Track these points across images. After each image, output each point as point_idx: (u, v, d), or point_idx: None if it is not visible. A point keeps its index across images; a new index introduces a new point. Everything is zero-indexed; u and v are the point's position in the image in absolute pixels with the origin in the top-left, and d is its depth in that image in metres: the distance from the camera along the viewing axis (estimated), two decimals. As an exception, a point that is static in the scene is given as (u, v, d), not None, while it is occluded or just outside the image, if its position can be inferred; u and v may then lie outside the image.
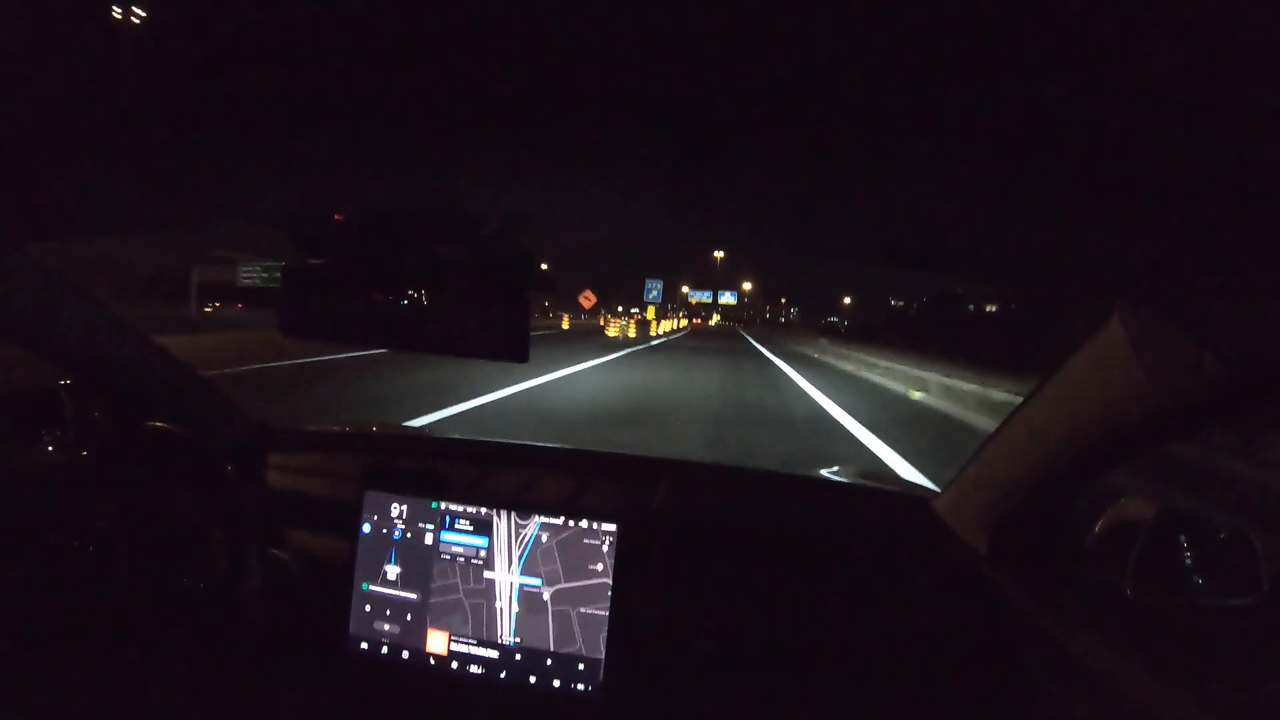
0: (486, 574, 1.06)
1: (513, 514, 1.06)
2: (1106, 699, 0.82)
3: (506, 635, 1.04)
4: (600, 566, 1.02)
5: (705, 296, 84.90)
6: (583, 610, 1.02)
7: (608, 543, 1.03)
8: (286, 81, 0.40)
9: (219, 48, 0.37)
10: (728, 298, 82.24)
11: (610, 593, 1.01)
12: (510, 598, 1.04)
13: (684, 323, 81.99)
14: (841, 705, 1.05)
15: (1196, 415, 0.75)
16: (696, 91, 0.37)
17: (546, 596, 1.03)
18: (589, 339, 23.30)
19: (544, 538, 1.04)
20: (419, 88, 0.40)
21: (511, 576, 1.05)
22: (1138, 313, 0.70)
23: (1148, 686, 0.78)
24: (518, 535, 1.06)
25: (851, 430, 6.48)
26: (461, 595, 1.06)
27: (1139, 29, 0.28)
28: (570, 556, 1.03)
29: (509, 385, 7.84)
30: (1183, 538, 0.88)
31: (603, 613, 1.01)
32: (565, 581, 1.03)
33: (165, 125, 0.48)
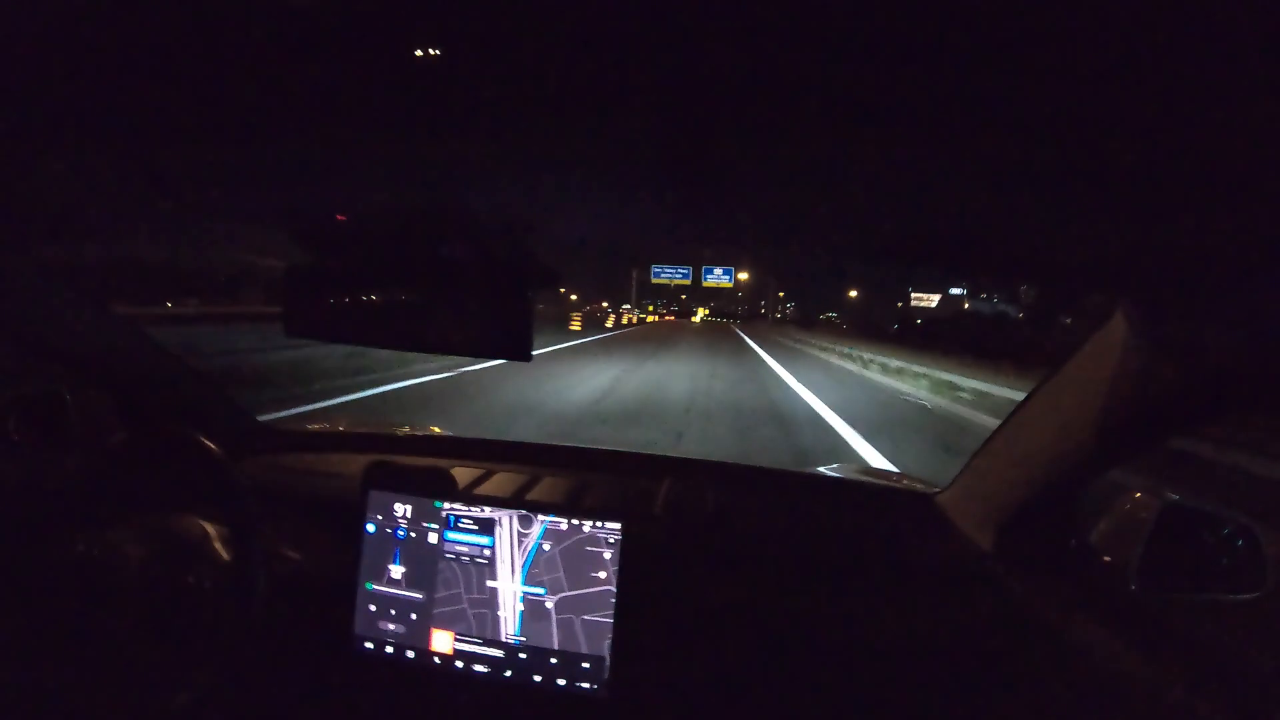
0: (489, 583, 1.05)
1: (516, 514, 1.06)
2: (1112, 694, 0.82)
3: (511, 635, 1.04)
4: (604, 574, 1.02)
5: (679, 275, 48.87)
6: (586, 618, 1.01)
7: (612, 540, 1.03)
8: (291, 83, 0.40)
9: (225, 50, 0.37)
10: (718, 276, 47.68)
11: (614, 600, 1.01)
12: (513, 606, 1.04)
13: (634, 316, 49.56)
14: (847, 701, 1.05)
15: (1200, 411, 0.75)
16: (697, 82, 0.37)
17: (550, 605, 1.03)
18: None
19: (547, 546, 1.04)
20: (423, 89, 0.40)
21: (515, 585, 1.04)
22: (1141, 309, 0.70)
23: (1153, 681, 0.78)
24: (521, 541, 1.05)
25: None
26: (465, 605, 1.06)
27: (1145, 29, 0.28)
28: (573, 565, 1.03)
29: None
30: (1187, 533, 0.87)
31: (607, 620, 1.01)
32: (569, 590, 1.03)
33: (169, 127, 0.48)
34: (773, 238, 0.75)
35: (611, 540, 1.03)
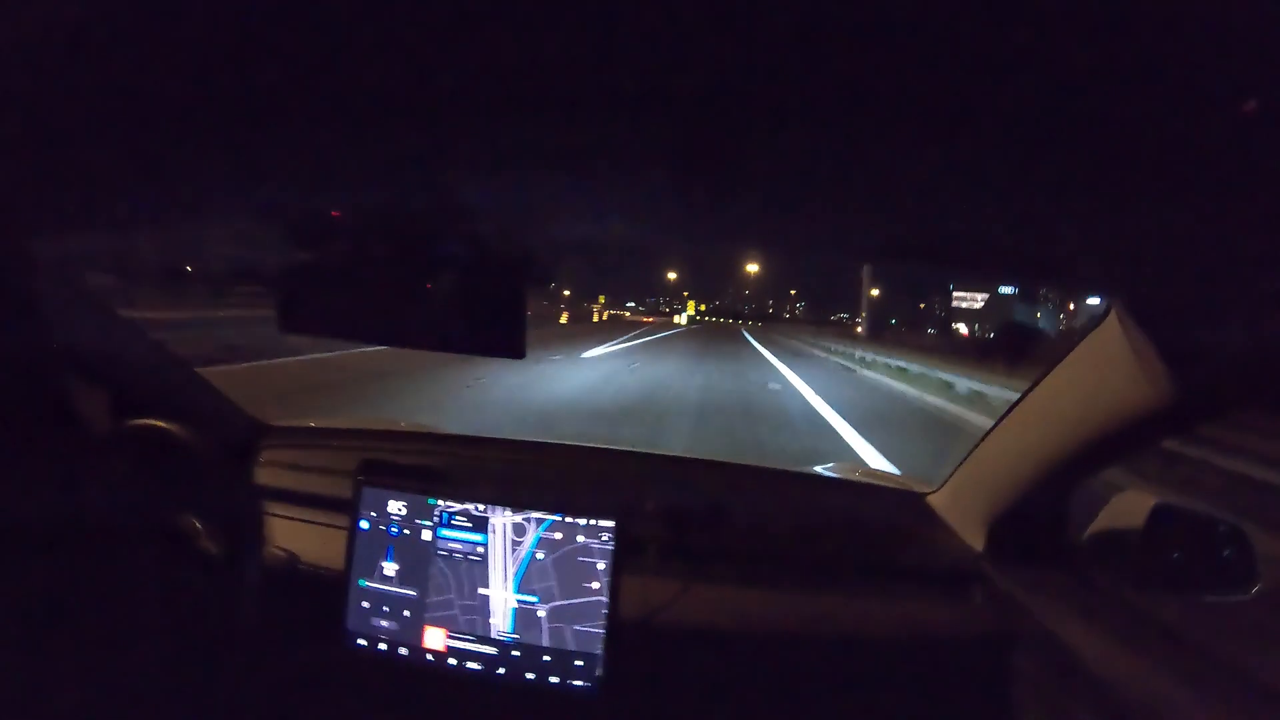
0: (481, 590, 1.05)
1: (510, 515, 1.06)
2: (1104, 695, 0.82)
3: (504, 632, 1.04)
4: (596, 584, 1.02)
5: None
6: (577, 628, 1.02)
7: (606, 544, 1.03)
8: (286, 77, 0.40)
9: (219, 44, 0.36)
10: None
11: (606, 611, 1.01)
12: (505, 614, 1.04)
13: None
14: (840, 701, 1.05)
15: (1192, 412, 0.75)
16: (698, 84, 0.37)
17: (542, 614, 1.03)
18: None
19: (540, 555, 1.04)
20: (416, 83, 0.40)
21: (507, 594, 1.04)
22: (1135, 310, 0.70)
23: (1145, 682, 0.79)
24: (514, 549, 1.05)
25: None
26: (458, 611, 1.06)
27: (1145, 29, 0.28)
28: (566, 574, 1.03)
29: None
30: (1179, 533, 0.88)
31: (599, 631, 1.01)
32: (560, 599, 1.03)
33: (164, 122, 0.48)
34: (782, 234, 0.74)
35: (605, 547, 1.03)
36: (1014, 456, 1.02)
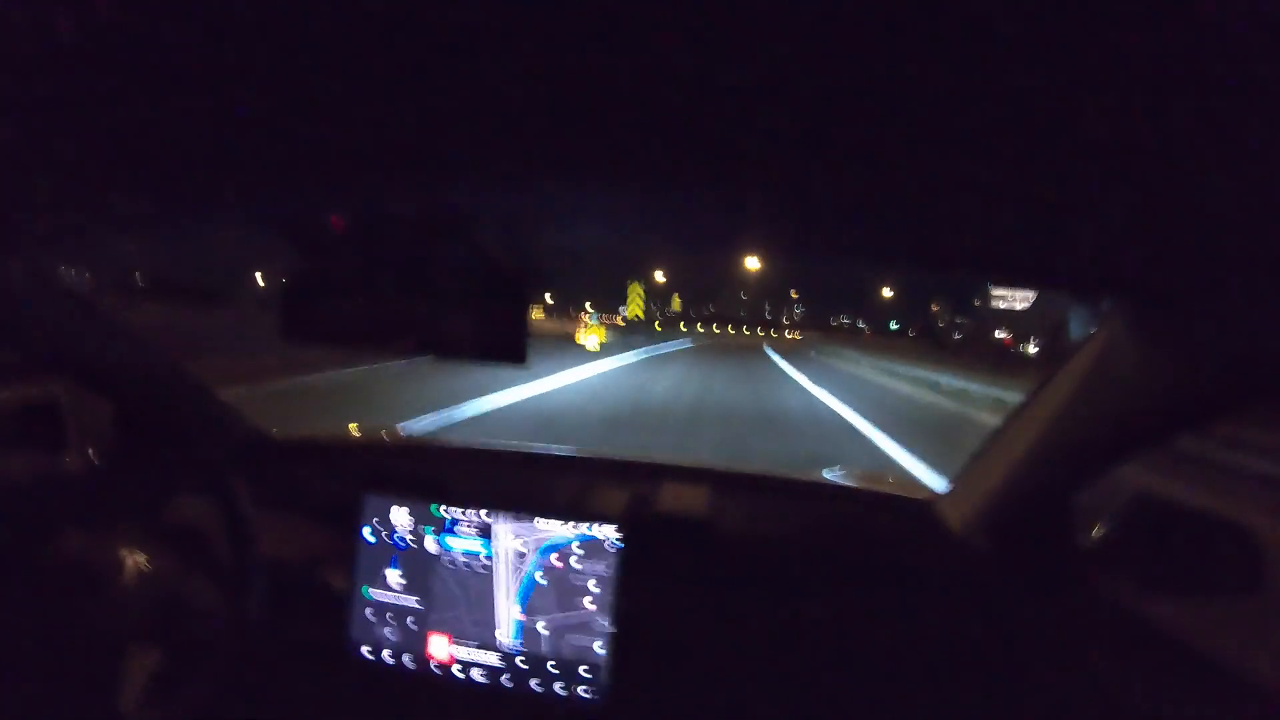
0: (485, 601, 1.06)
1: (514, 518, 1.06)
2: (1111, 701, 0.82)
3: (509, 642, 1.04)
4: (596, 602, 1.02)
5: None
6: (581, 642, 1.02)
7: (609, 546, 1.02)
8: (284, 82, 0.40)
9: (218, 47, 0.36)
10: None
11: (608, 627, 1.01)
12: (509, 625, 1.05)
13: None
14: (845, 709, 1.05)
15: (1198, 411, 0.75)
16: (701, 81, 0.37)
17: (546, 630, 1.03)
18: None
19: (540, 577, 1.04)
20: (417, 88, 0.40)
21: (511, 607, 1.05)
22: (1138, 309, 0.70)
23: (1151, 686, 0.78)
24: (517, 569, 1.05)
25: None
26: (463, 622, 1.06)
27: (1142, 26, 0.28)
28: (568, 592, 1.03)
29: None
30: (1186, 534, 0.87)
31: (603, 643, 1.01)
32: (562, 614, 1.03)
33: (162, 127, 0.48)
34: (779, 239, 0.74)
35: (609, 556, 1.02)
36: (1021, 459, 1.01)
